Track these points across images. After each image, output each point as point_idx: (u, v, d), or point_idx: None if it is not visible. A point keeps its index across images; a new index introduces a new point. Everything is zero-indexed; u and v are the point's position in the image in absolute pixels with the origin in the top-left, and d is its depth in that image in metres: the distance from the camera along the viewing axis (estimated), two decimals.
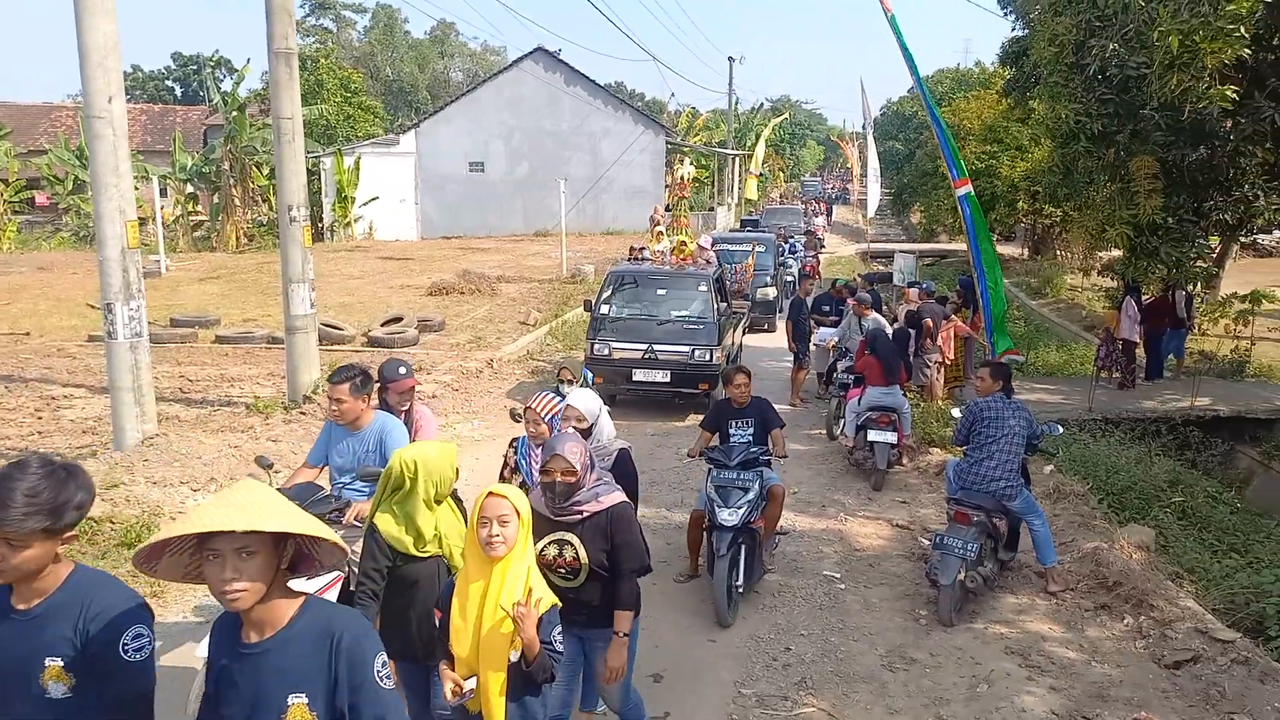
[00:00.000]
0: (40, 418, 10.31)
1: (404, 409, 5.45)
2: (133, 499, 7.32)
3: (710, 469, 6.50)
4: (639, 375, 11.13)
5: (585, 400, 4.70)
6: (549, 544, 3.75)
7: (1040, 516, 6.56)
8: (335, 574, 4.57)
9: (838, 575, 6.81)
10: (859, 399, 9.32)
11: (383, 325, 15.21)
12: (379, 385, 5.41)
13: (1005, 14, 18.00)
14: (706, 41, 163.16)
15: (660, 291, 11.95)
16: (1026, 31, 15.84)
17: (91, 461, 8.27)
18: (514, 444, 5.25)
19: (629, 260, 13.42)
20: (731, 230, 29.04)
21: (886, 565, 7.04)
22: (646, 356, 11.11)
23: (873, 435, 8.88)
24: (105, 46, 8.03)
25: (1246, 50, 9.74)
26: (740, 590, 6.10)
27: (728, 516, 6.02)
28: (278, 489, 4.56)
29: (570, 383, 6.52)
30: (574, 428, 4.46)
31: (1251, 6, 9.47)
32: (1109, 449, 10.36)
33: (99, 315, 8.84)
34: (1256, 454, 12.34)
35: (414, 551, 3.73)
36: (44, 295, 19.10)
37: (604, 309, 11.65)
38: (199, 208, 32.48)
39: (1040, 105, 13.10)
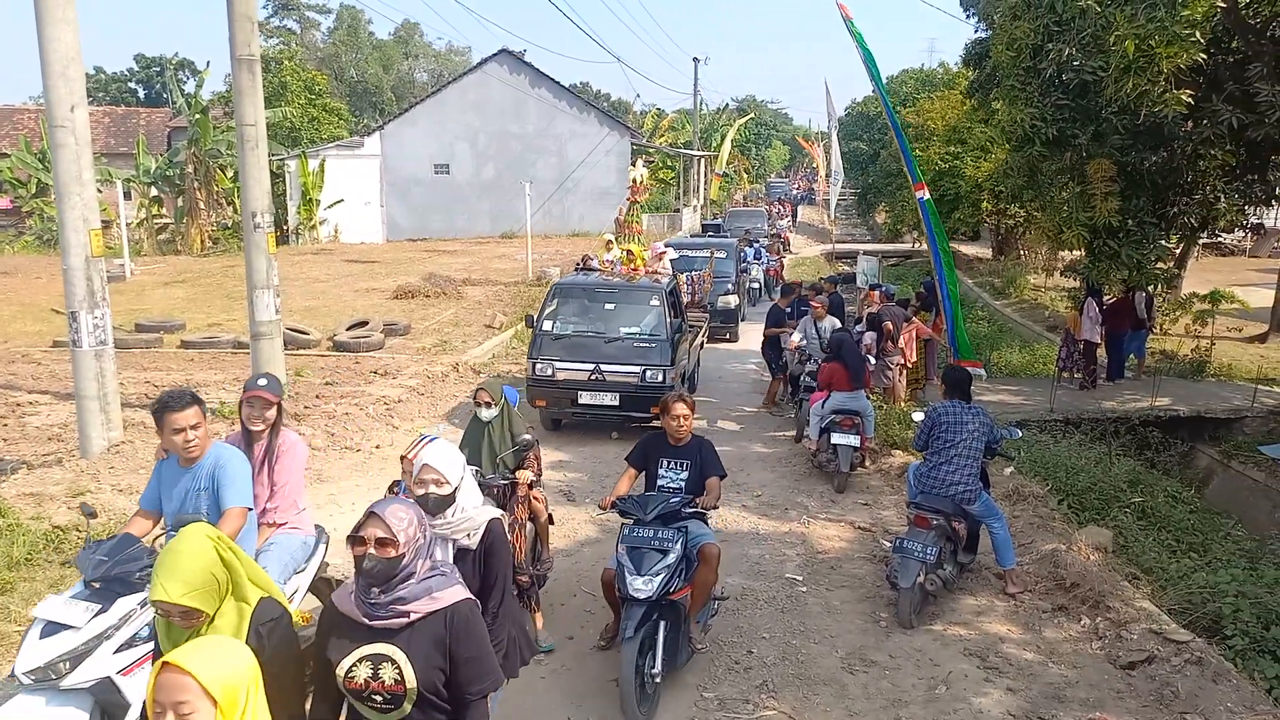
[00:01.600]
0: (5, 424, 10.19)
1: (258, 429, 4.65)
2: (99, 507, 7.23)
3: (622, 524, 5.32)
4: (585, 398, 10.25)
5: (444, 458, 3.66)
6: (359, 662, 2.76)
7: (999, 519, 6.68)
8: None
9: (800, 578, 6.89)
10: (822, 402, 9.42)
11: (348, 329, 15.14)
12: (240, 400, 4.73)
13: (968, 16, 18.25)
14: (671, 42, 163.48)
15: (608, 306, 10.93)
16: (989, 33, 16.07)
17: (57, 469, 8.20)
18: (394, 488, 4.64)
19: (577, 270, 12.40)
20: (693, 235, 28.09)
21: (848, 567, 7.14)
22: (593, 378, 10.19)
23: (836, 438, 8.98)
24: (67, 56, 7.97)
25: (1202, 55, 9.95)
26: (658, 679, 4.93)
27: (640, 586, 4.87)
28: (94, 542, 4.15)
29: (489, 406, 5.75)
30: (431, 492, 3.55)
31: (1207, 11, 9.67)
32: (1069, 450, 10.55)
33: (64, 320, 8.78)
34: (1216, 453, 12.61)
35: None
36: (7, 300, 18.81)
37: (546, 325, 10.69)
38: (163, 211, 32.07)
39: (1001, 107, 13.29)
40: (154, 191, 31.52)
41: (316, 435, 9.86)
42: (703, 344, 13.87)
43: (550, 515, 6.21)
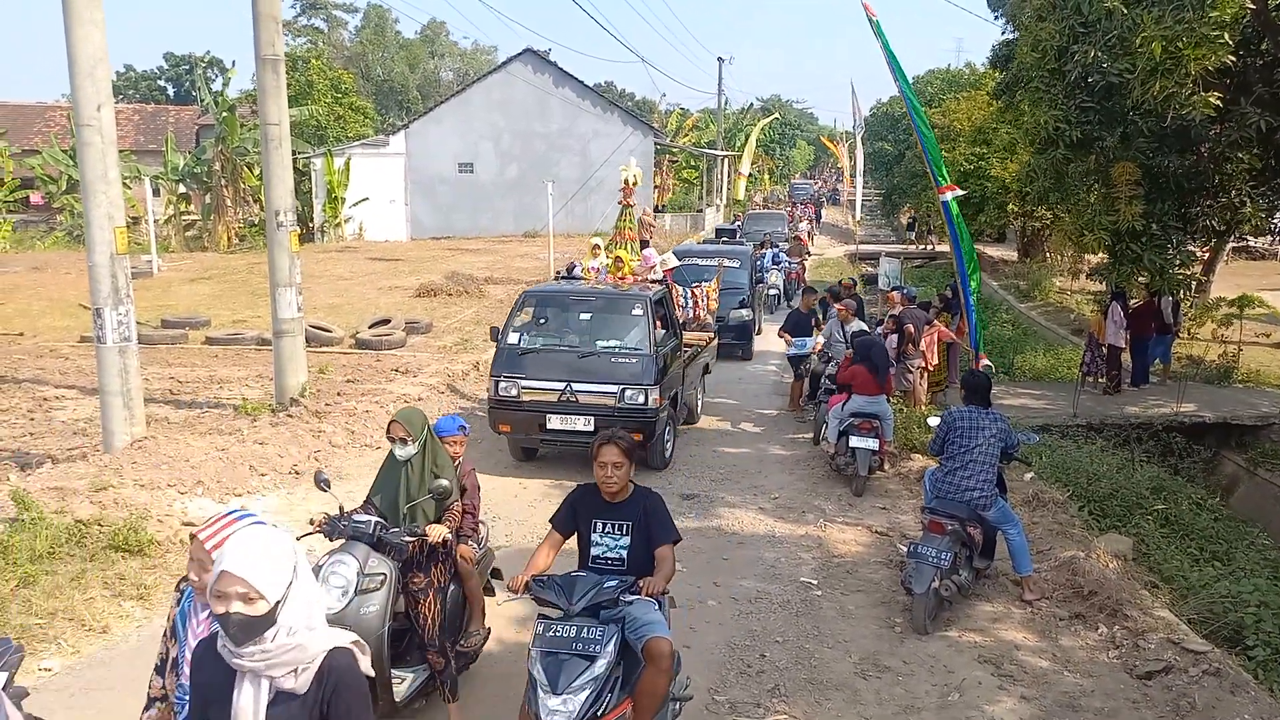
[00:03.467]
0: (33, 419, 10.39)
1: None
2: (121, 502, 7.35)
3: (539, 619, 4.05)
4: (554, 423, 8.95)
5: (257, 560, 2.27)
6: None
7: (1016, 525, 6.63)
8: None
9: (815, 582, 6.87)
10: (842, 404, 9.39)
11: (370, 327, 15.26)
12: None
13: (996, 17, 18.12)
14: (695, 41, 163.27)
15: (584, 316, 9.63)
16: (1017, 34, 15.95)
17: (81, 464, 8.33)
18: (180, 589, 3.14)
19: (559, 278, 10.90)
20: (704, 241, 25.85)
21: (864, 572, 7.11)
22: (563, 398, 8.92)
23: (855, 441, 8.94)
24: (94, 57, 8.09)
25: (1231, 56, 9.82)
26: None
27: (556, 708, 3.68)
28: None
29: (405, 441, 4.75)
30: (235, 612, 2.21)
31: (1236, 12, 9.55)
32: (1091, 456, 10.46)
33: (90, 315, 8.91)
34: (1242, 461, 12.43)
35: None
36: (37, 295, 19.12)
37: (512, 337, 9.42)
38: (191, 207, 32.45)
39: (1026, 109, 13.18)
40: (182, 188, 31.91)
41: (337, 432, 9.94)
42: (708, 367, 12.46)
43: (492, 579, 5.43)
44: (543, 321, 9.78)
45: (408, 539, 4.55)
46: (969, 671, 5.60)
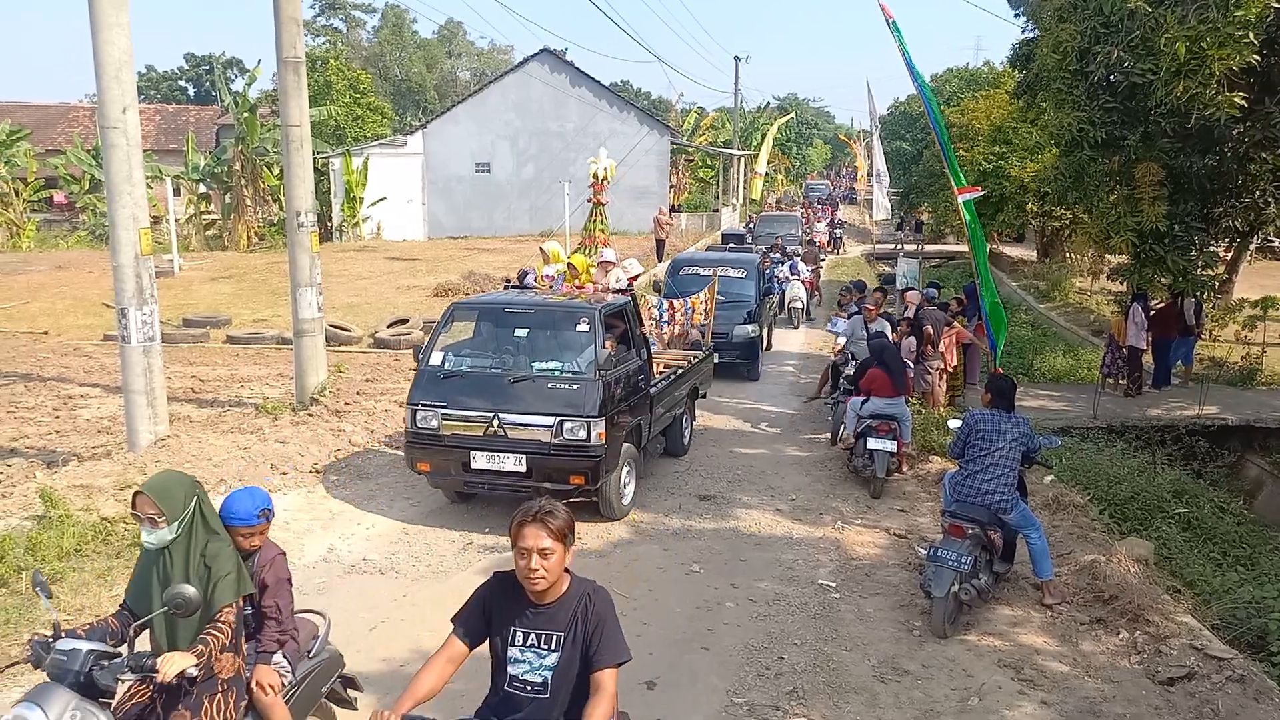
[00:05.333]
0: (58, 417, 10.51)
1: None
2: None
3: None
4: (480, 461, 7.49)
5: None
6: None
7: (1037, 529, 6.59)
8: None
9: (833, 584, 6.86)
10: (861, 401, 9.38)
11: (389, 327, 15.35)
12: None
13: (1016, 15, 17.99)
14: (712, 41, 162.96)
15: (519, 333, 8.15)
16: (1038, 34, 15.85)
17: (106, 462, 8.42)
18: None
19: (507, 287, 9.65)
20: (709, 248, 23.77)
21: (882, 574, 7.09)
22: (490, 432, 7.45)
23: (872, 443, 8.92)
24: (119, 60, 8.17)
25: (1255, 56, 9.74)
26: None
27: None
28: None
29: (155, 522, 3.42)
30: None
31: (1261, 11, 9.47)
32: (1112, 459, 10.39)
33: (114, 314, 9.00)
34: (1266, 464, 12.32)
35: None
36: (61, 294, 19.33)
37: (435, 357, 8.01)
38: (211, 207, 32.71)
39: (1048, 110, 13.10)
40: (202, 188, 32.17)
41: (357, 431, 10.01)
42: (700, 392, 10.77)
43: (345, 689, 4.38)
44: (477, 338, 8.46)
45: (126, 677, 3.24)
46: (989, 676, 5.58)
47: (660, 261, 23.92)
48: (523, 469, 7.47)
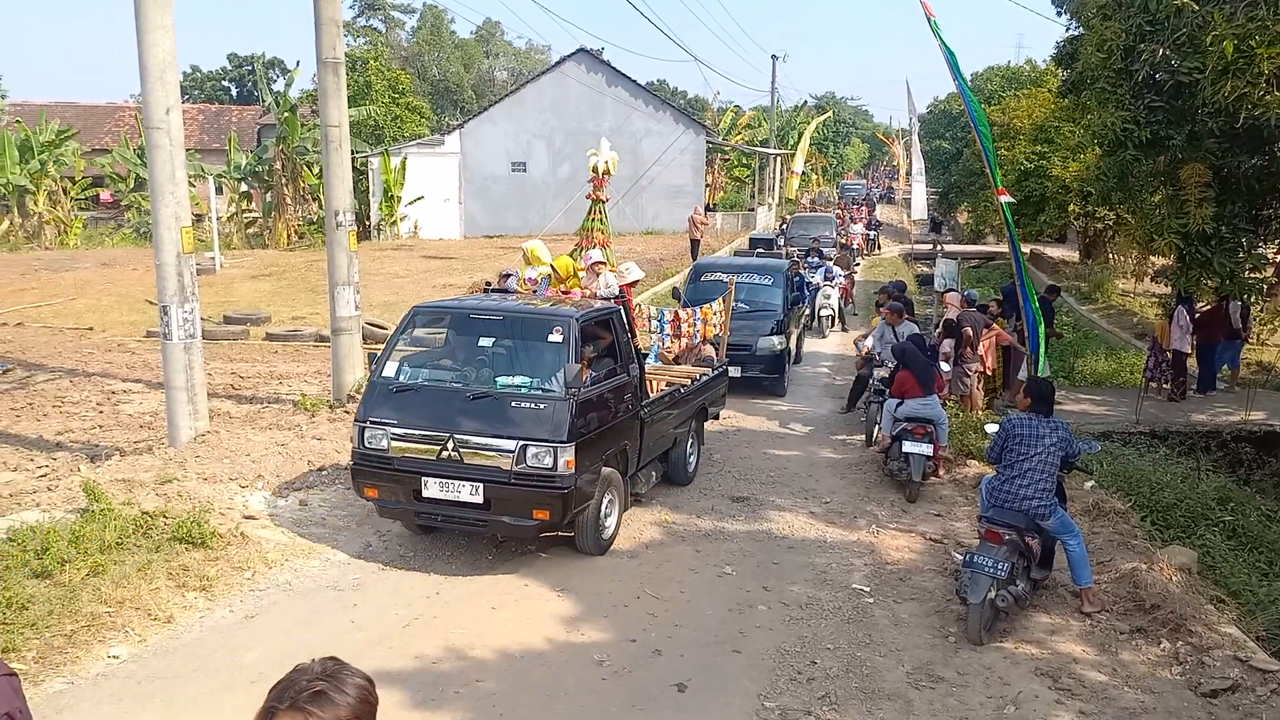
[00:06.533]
0: (101, 412, 10.72)
1: None
2: (185, 494, 7.56)
3: None
4: (432, 488, 6.62)
5: None
6: None
7: (1076, 536, 6.48)
8: None
9: (867, 589, 6.80)
10: (897, 404, 9.30)
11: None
12: None
13: (1059, 13, 17.71)
14: (749, 40, 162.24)
15: (484, 342, 7.38)
16: (1081, 32, 15.59)
17: (147, 456, 8.58)
18: None
19: (487, 290, 8.91)
20: (737, 253, 22.66)
21: (917, 580, 7.02)
22: (444, 455, 6.60)
23: (908, 447, 8.83)
24: (164, 62, 8.31)
25: None
26: None
27: None
28: None
29: None
30: None
31: None
32: (1154, 464, 10.18)
33: (157, 311, 9.17)
34: None
35: None
36: (106, 291, 19.73)
37: (389, 368, 7.17)
38: (252, 205, 33.25)
39: (1092, 109, 12.87)
40: (244, 187, 32.71)
41: None
42: (709, 412, 9.81)
43: None
44: (446, 347, 7.69)
45: None
46: (1025, 684, 5.50)
47: (695, 261, 23.81)
48: (479, 500, 6.55)
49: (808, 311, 17.29)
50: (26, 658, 5.20)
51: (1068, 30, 16.28)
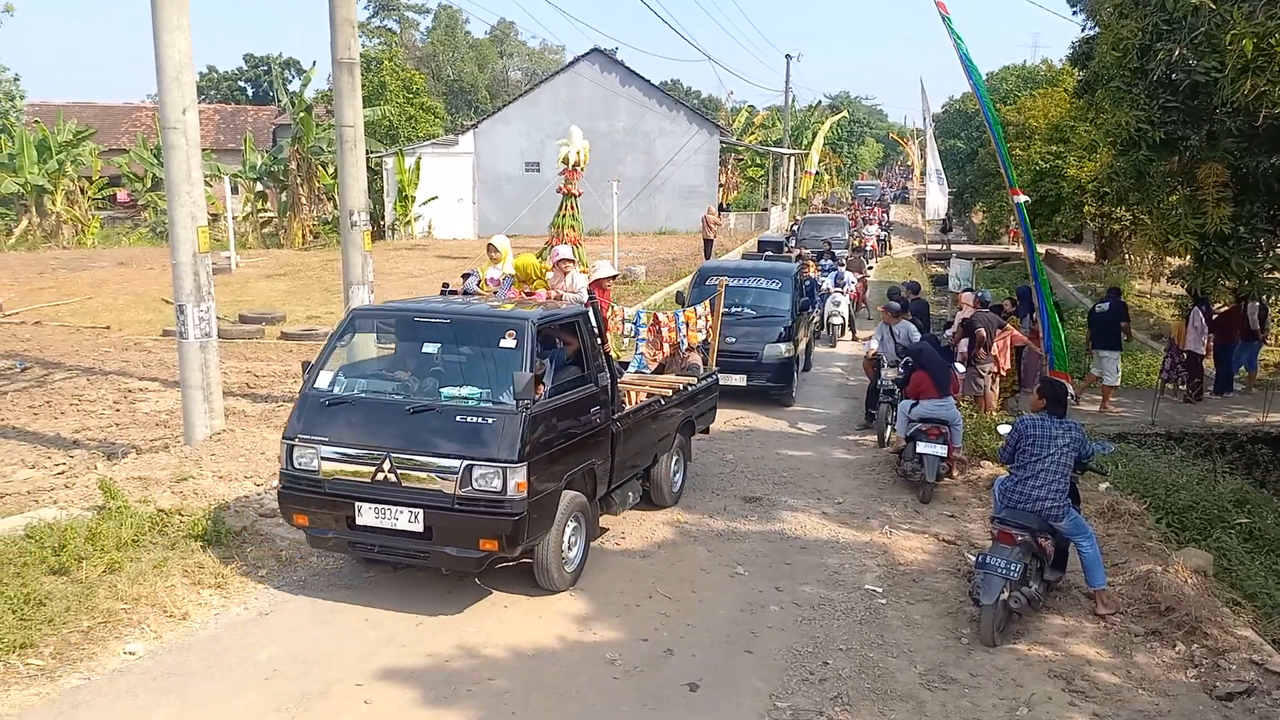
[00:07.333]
0: (118, 410, 10.81)
1: None
2: (200, 492, 7.62)
3: None
4: (367, 515, 5.90)
5: None
6: None
7: (1089, 537, 6.45)
8: None
9: (879, 590, 6.79)
10: (911, 405, 9.27)
11: None
12: None
13: (1075, 13, 17.62)
14: (763, 39, 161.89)
15: (429, 349, 6.62)
16: (1097, 31, 15.51)
17: (163, 455, 8.64)
18: None
19: (444, 292, 8.30)
20: (745, 255, 21.51)
21: (930, 581, 6.99)
22: (380, 478, 5.88)
23: (922, 447, 8.80)
24: (180, 63, 8.37)
25: None
26: None
27: None
28: None
29: None
30: None
31: None
32: (1170, 466, 10.11)
33: (173, 310, 9.23)
34: None
35: None
36: (123, 290, 19.88)
37: (323, 378, 6.42)
38: (267, 205, 33.43)
39: (1106, 108, 12.79)
40: (259, 186, 32.90)
41: None
42: (696, 426, 8.94)
43: None
44: (395, 355, 6.97)
45: None
46: (1038, 686, 5.47)
47: (709, 260, 23.75)
48: (419, 528, 5.80)
49: (817, 318, 16.80)
50: (44, 653, 5.26)
51: (1083, 30, 16.20)
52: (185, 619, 5.85)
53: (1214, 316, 13.59)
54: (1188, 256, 12.59)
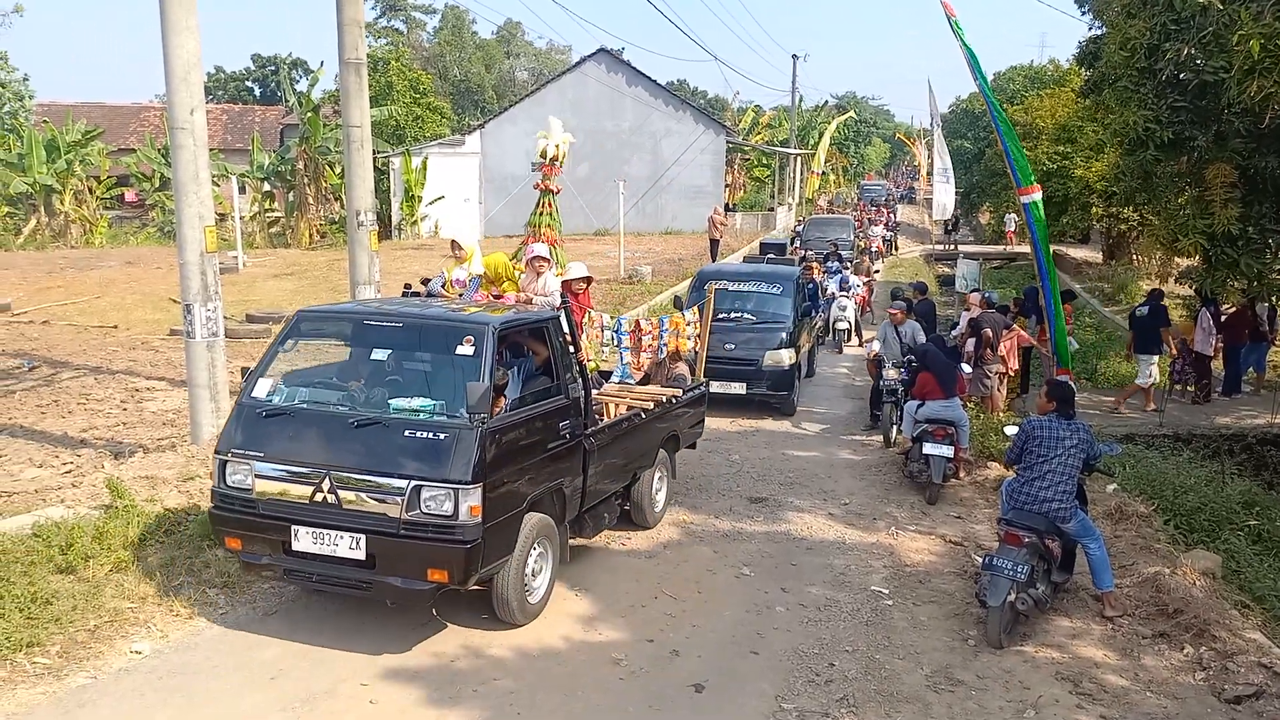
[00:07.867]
0: (125, 409, 10.83)
1: None
2: (207, 492, 7.62)
3: None
4: (304, 540, 5.40)
5: None
6: None
7: (1096, 539, 6.43)
8: None
9: (886, 591, 6.77)
10: (918, 405, 9.25)
11: None
12: None
13: (1082, 12, 17.56)
14: (770, 39, 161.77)
15: (379, 355, 6.16)
16: (1105, 30, 15.45)
17: (170, 454, 8.66)
18: None
19: (406, 293, 8.07)
20: (746, 259, 21.17)
21: (937, 582, 6.98)
22: (319, 499, 5.38)
23: (928, 448, 8.78)
24: (188, 63, 8.39)
25: None
26: None
27: None
28: None
29: None
30: None
31: None
32: (1178, 468, 10.07)
33: (180, 310, 9.25)
34: None
35: None
36: (131, 289, 19.92)
37: (261, 388, 5.89)
38: (274, 205, 33.50)
39: (1114, 108, 12.75)
40: (266, 186, 32.96)
41: None
42: (681, 440, 8.35)
43: None
44: (346, 362, 6.47)
45: None
46: (1046, 689, 5.46)
47: (715, 261, 23.75)
48: (361, 555, 5.29)
49: (821, 324, 16.39)
50: (50, 652, 5.27)
51: (1091, 29, 16.14)
52: (191, 618, 5.86)
53: (1222, 318, 13.54)
54: (1196, 257, 12.55)
